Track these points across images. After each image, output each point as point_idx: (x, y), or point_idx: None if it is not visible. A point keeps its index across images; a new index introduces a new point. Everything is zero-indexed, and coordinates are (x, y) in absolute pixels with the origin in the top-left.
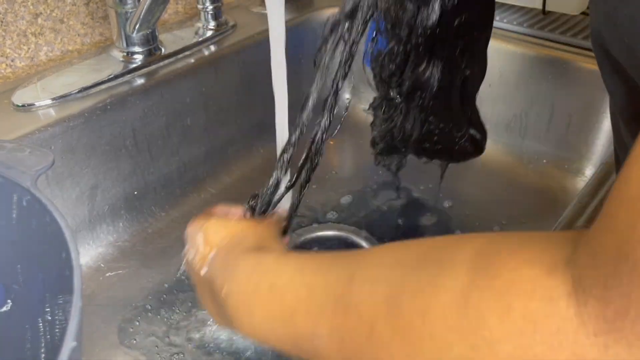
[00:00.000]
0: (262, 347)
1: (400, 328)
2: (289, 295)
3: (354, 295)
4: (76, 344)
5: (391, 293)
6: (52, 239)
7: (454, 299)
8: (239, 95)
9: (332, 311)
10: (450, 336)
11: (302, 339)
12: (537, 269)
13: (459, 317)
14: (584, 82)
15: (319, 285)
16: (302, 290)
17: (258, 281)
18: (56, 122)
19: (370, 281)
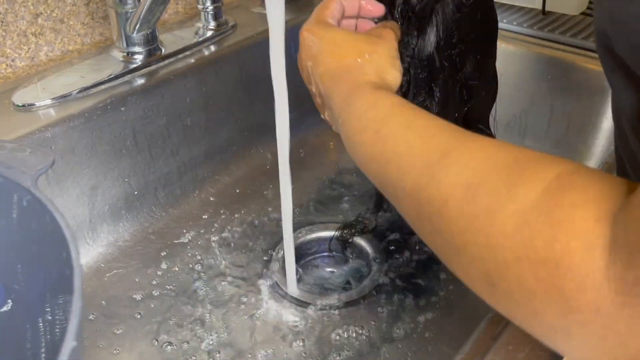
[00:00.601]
0: (264, 347)
1: (466, 214)
2: (389, 145)
3: (442, 169)
4: (76, 344)
5: (473, 182)
6: (53, 239)
7: (517, 212)
8: (239, 95)
9: (419, 174)
10: (502, 241)
11: (388, 185)
12: (590, 212)
13: (515, 230)
14: (584, 82)
15: (418, 146)
16: (402, 145)
17: (367, 124)
18: (56, 122)
19: (462, 164)
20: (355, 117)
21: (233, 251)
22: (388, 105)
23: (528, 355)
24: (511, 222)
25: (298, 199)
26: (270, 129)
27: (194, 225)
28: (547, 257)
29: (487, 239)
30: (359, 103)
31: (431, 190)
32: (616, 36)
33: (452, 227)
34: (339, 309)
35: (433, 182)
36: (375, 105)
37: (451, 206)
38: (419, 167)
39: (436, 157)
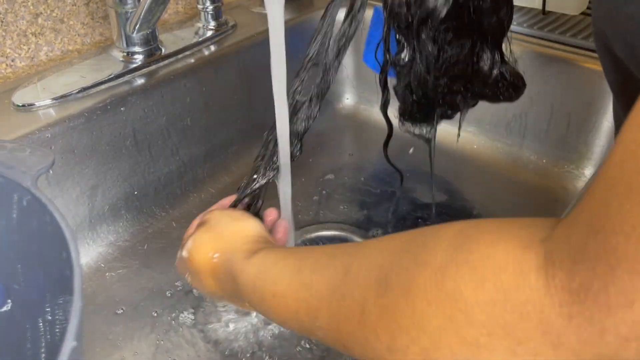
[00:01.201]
0: (264, 348)
1: (386, 307)
2: (290, 299)
3: (349, 283)
4: (76, 344)
5: (380, 275)
6: (53, 239)
7: (432, 274)
8: (239, 95)
9: (329, 302)
10: (429, 309)
11: (307, 331)
12: (512, 244)
13: (437, 291)
14: (584, 82)
15: (317, 282)
16: (301, 290)
17: (262, 292)
18: (56, 122)
19: (364, 269)
20: (249, 290)
21: None
22: (271, 263)
23: None
24: (430, 286)
25: (298, 198)
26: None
27: None
28: (480, 302)
29: (414, 316)
30: (246, 276)
31: (346, 307)
32: (613, 35)
33: (377, 329)
34: None
35: (345, 298)
36: (260, 270)
37: (369, 310)
38: (327, 295)
39: (339, 278)
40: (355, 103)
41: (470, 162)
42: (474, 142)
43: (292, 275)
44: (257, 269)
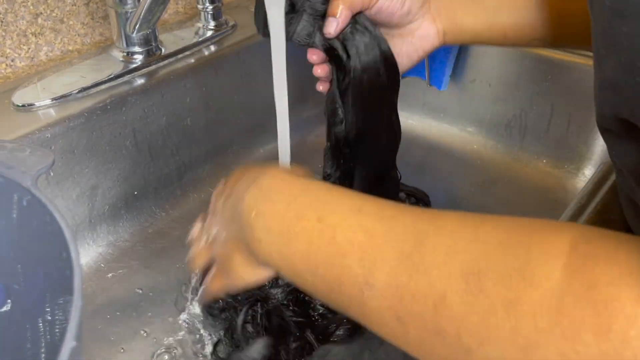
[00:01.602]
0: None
1: (479, 309)
2: (341, 235)
3: (425, 259)
4: (76, 344)
5: (471, 270)
6: (53, 239)
7: (545, 299)
8: (239, 95)
9: (395, 267)
10: (537, 337)
11: (349, 285)
12: (634, 290)
13: (551, 322)
14: (584, 82)
15: (380, 234)
16: (358, 233)
17: (302, 210)
18: (56, 122)
19: (446, 250)
20: (282, 203)
21: None
22: (324, 188)
23: None
24: (541, 313)
25: None
26: (271, 128)
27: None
28: (603, 353)
29: (514, 336)
30: (286, 189)
31: (418, 285)
32: (608, 55)
33: (461, 326)
34: None
35: (419, 274)
36: (308, 187)
37: (452, 302)
38: (393, 258)
39: (410, 245)
40: None
41: (470, 162)
42: (473, 142)
43: (349, 212)
44: (302, 187)
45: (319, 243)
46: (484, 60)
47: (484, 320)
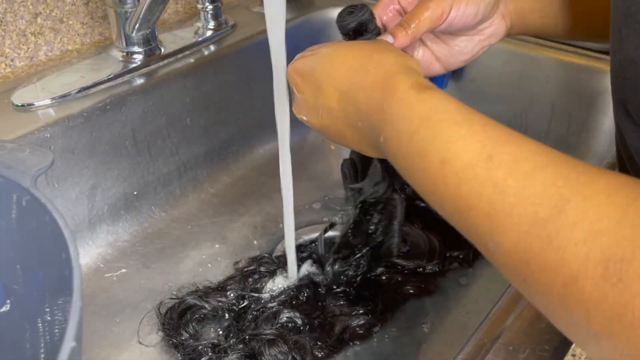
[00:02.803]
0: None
1: (614, 300)
2: (467, 186)
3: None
4: (76, 344)
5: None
6: (52, 239)
7: None
8: (239, 95)
9: (526, 232)
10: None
11: (475, 234)
12: None
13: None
14: (584, 82)
15: (513, 192)
16: (487, 187)
17: (425, 147)
18: (56, 122)
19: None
20: (403, 136)
21: (233, 252)
22: (447, 120)
23: (528, 355)
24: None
25: (298, 198)
26: (270, 128)
27: (194, 226)
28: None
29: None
30: (402, 114)
31: (549, 258)
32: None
33: (586, 309)
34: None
35: (551, 247)
36: (428, 119)
37: (585, 285)
38: (522, 222)
39: (545, 211)
40: None
41: None
42: None
43: (478, 157)
44: (422, 109)
45: (443, 189)
46: (484, 60)
47: (617, 314)
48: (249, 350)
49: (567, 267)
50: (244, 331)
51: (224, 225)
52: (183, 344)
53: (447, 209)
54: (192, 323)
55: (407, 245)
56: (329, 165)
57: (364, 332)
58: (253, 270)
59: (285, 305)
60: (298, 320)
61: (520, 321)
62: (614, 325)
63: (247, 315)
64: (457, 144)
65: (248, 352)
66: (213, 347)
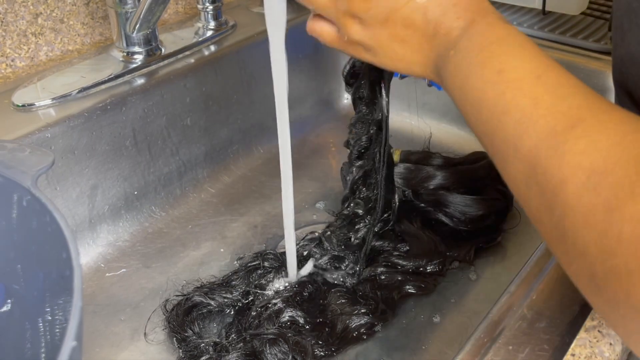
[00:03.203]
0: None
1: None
2: (511, 93)
3: (568, 142)
4: (76, 344)
5: (598, 168)
6: (53, 239)
7: (635, 215)
8: (239, 95)
9: (542, 140)
10: (614, 246)
11: (497, 137)
12: None
13: (631, 237)
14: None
15: (545, 106)
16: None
17: (489, 58)
18: (56, 122)
19: (589, 142)
20: (475, 47)
21: (233, 251)
22: (518, 43)
23: (528, 355)
24: (628, 227)
25: (298, 198)
26: (270, 128)
27: (194, 225)
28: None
29: (600, 239)
30: (484, 30)
31: (550, 164)
32: (631, 28)
33: (565, 211)
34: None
35: (555, 154)
36: (503, 39)
37: (569, 190)
38: (542, 131)
39: (563, 125)
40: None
41: None
42: (474, 142)
43: (529, 74)
44: (501, 32)
45: (490, 94)
46: None
47: (583, 217)
48: (250, 349)
49: (562, 171)
50: (246, 330)
51: (224, 225)
52: (186, 341)
53: (483, 114)
54: (197, 320)
55: (406, 245)
56: (329, 165)
57: (365, 331)
58: (257, 266)
59: (288, 303)
60: (300, 320)
61: (520, 321)
62: (579, 228)
63: (250, 312)
64: (516, 60)
65: (249, 351)
66: (214, 345)
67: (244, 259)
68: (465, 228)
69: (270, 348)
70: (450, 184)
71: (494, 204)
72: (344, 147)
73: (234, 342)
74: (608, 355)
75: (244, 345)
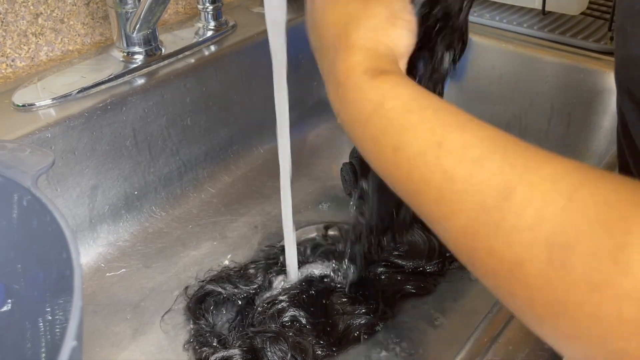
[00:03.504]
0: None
1: (556, 285)
2: (417, 173)
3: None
4: (76, 344)
5: (557, 242)
6: (53, 239)
7: (636, 290)
8: (239, 95)
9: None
10: (620, 327)
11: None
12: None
13: (638, 315)
14: (584, 82)
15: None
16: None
17: (378, 135)
18: (56, 122)
19: (533, 214)
20: (357, 120)
21: (233, 251)
22: (399, 106)
23: (528, 355)
24: (631, 305)
25: (298, 198)
26: (270, 128)
27: (194, 225)
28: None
29: (592, 322)
30: (356, 99)
31: (495, 244)
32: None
33: (531, 295)
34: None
35: (497, 234)
36: (380, 107)
37: (529, 270)
38: (470, 209)
39: (493, 197)
40: None
41: None
42: None
43: (429, 146)
44: (376, 97)
45: (397, 174)
46: (484, 60)
47: (562, 297)
48: (249, 346)
49: (513, 252)
50: (250, 326)
51: (225, 225)
52: (199, 328)
53: (401, 193)
54: (211, 308)
55: (406, 245)
56: (329, 165)
57: (365, 331)
58: (276, 261)
59: (292, 302)
60: (302, 319)
61: (520, 321)
62: (555, 309)
63: (255, 308)
64: (408, 132)
65: (249, 347)
66: (219, 337)
67: (265, 251)
68: None
69: (271, 346)
70: None
71: None
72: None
73: (236, 337)
74: None
75: (243, 343)
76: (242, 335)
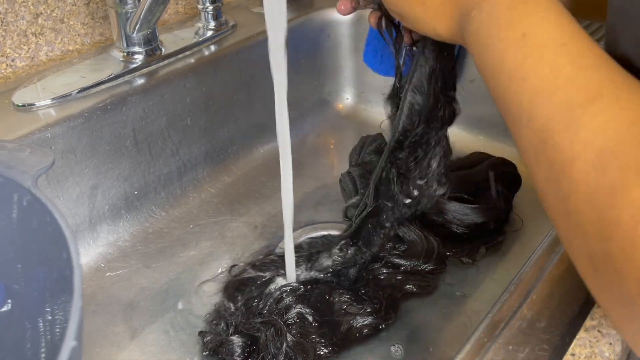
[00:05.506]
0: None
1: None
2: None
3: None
4: (76, 344)
5: (608, 147)
6: (53, 239)
7: (636, 201)
8: (239, 95)
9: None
10: (613, 229)
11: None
12: None
13: (629, 221)
14: None
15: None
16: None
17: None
18: (56, 122)
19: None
20: (501, 8)
21: (233, 251)
22: (545, 6)
23: (528, 355)
24: (628, 212)
25: (298, 198)
26: (270, 128)
27: (194, 226)
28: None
29: (599, 220)
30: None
31: (563, 138)
32: (624, 32)
33: (571, 188)
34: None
35: (568, 129)
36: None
37: (577, 167)
38: (558, 102)
39: (581, 98)
40: (355, 103)
41: None
42: (474, 142)
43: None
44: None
45: (511, 58)
46: None
47: (587, 196)
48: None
49: (573, 148)
50: (258, 314)
51: (225, 225)
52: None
53: (501, 78)
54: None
55: (405, 245)
56: (329, 165)
57: (368, 331)
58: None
59: (298, 299)
60: (309, 317)
61: (520, 321)
62: (584, 207)
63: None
64: (542, 24)
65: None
66: (227, 321)
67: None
68: (465, 232)
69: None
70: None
71: (493, 213)
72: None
73: (240, 325)
74: (608, 355)
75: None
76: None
